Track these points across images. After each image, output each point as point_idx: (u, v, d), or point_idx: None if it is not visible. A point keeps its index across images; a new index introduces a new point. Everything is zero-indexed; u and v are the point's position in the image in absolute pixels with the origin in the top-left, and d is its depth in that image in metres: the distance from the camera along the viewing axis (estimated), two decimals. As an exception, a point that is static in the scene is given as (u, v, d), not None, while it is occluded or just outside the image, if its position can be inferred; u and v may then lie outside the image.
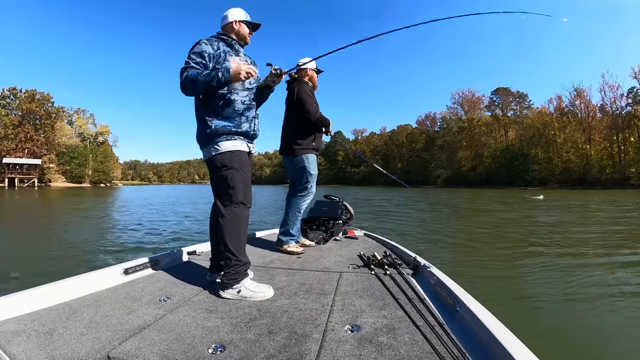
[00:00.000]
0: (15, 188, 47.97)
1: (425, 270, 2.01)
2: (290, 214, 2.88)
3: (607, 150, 54.70)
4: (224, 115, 1.87)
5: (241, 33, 2.04)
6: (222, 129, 1.86)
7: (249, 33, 2.08)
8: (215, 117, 1.86)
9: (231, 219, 1.84)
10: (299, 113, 2.85)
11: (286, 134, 2.97)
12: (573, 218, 9.88)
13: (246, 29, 2.05)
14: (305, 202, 2.93)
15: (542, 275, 3.82)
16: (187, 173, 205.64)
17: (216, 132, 1.85)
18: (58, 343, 1.19)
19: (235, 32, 2.02)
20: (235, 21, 2.01)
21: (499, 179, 60.72)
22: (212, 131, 1.85)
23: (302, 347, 1.19)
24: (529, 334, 2.27)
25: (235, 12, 2.03)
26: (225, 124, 1.87)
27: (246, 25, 2.05)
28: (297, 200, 2.90)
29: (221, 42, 1.94)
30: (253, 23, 2.09)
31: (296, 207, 2.90)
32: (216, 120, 1.86)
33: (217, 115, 1.87)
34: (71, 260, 4.55)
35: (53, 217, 10.44)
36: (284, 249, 2.78)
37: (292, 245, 2.79)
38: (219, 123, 1.86)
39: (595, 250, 5.10)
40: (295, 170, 2.92)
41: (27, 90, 63.33)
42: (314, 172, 2.91)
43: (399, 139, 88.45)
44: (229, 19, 2.02)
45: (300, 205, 2.91)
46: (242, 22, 2.03)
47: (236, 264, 1.79)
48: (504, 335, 1.09)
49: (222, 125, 1.86)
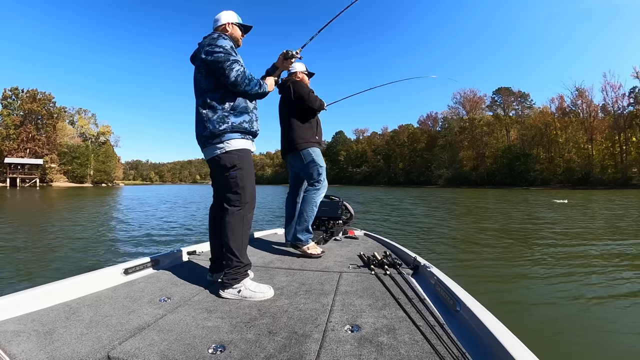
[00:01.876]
0: (17, 188, 48.13)
1: (425, 270, 2.00)
2: (308, 210, 2.77)
3: (609, 150, 54.53)
4: (239, 111, 1.88)
5: (234, 35, 2.03)
6: (239, 126, 1.86)
7: (241, 35, 2.09)
8: (232, 114, 1.86)
9: (237, 220, 1.83)
10: (302, 109, 2.84)
11: (287, 133, 2.93)
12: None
13: (239, 32, 2.06)
14: (320, 195, 2.85)
15: (542, 276, 3.81)
16: (189, 173, 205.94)
17: (232, 129, 1.84)
18: (58, 343, 1.19)
19: (229, 35, 2.01)
20: (228, 23, 2.02)
21: (501, 179, 60.70)
22: (229, 127, 1.83)
23: (302, 347, 1.18)
24: (529, 334, 2.27)
25: (228, 15, 2.03)
26: (241, 120, 1.87)
27: (239, 27, 2.06)
28: (312, 195, 2.81)
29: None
30: (245, 25, 2.09)
31: (313, 202, 2.80)
32: (233, 116, 1.86)
33: (234, 110, 1.86)
34: (71, 260, 4.56)
35: (53, 217, 10.47)
36: (303, 250, 2.65)
37: (312, 247, 2.67)
38: (235, 120, 1.86)
39: (599, 251, 5.08)
40: (303, 165, 2.86)
41: (29, 90, 63.64)
42: (323, 164, 2.88)
43: (400, 139, 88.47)
44: (221, 21, 2.02)
45: (317, 199, 2.82)
46: (234, 25, 2.03)
47: (237, 265, 1.79)
48: (504, 336, 1.09)
49: (238, 122, 1.86)
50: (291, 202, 3.14)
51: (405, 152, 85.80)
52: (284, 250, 2.87)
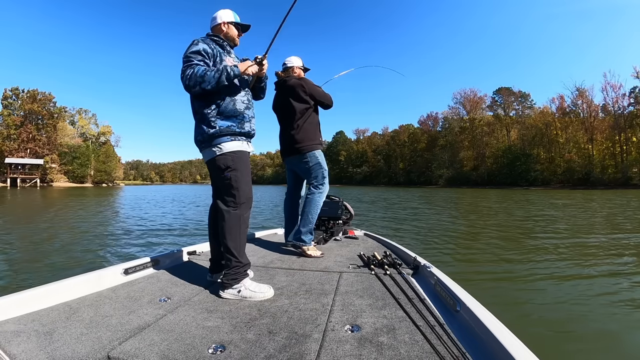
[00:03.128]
0: (18, 188, 48.15)
1: (425, 270, 2.00)
2: (313, 212, 2.79)
3: (610, 150, 54.45)
4: (226, 115, 1.86)
5: (230, 35, 2.02)
6: (227, 130, 1.84)
7: (238, 35, 2.07)
8: (219, 117, 1.84)
9: (233, 220, 1.83)
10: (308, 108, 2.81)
11: (289, 134, 2.87)
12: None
13: (235, 31, 2.04)
14: (323, 197, 2.87)
15: (543, 276, 3.80)
16: (189, 173, 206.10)
17: (220, 133, 1.83)
18: (58, 343, 1.19)
19: (224, 34, 2.01)
20: (223, 23, 2.01)
21: (501, 179, 60.64)
22: (217, 131, 1.83)
23: (302, 347, 1.18)
24: (529, 334, 2.26)
25: (224, 14, 2.02)
26: (229, 123, 1.86)
27: (235, 27, 2.05)
28: (317, 197, 2.82)
29: (213, 43, 1.94)
30: (242, 24, 2.08)
31: (317, 205, 2.82)
32: (220, 120, 1.84)
33: (220, 115, 1.85)
34: (71, 260, 4.56)
35: (53, 217, 10.48)
36: (304, 249, 2.67)
37: (312, 249, 2.70)
38: (223, 123, 1.84)
39: (601, 252, 5.08)
40: (308, 167, 2.84)
41: (29, 90, 63.67)
42: (326, 166, 2.89)
43: (400, 139, 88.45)
44: (217, 20, 2.01)
45: (320, 202, 2.84)
46: (230, 24, 2.02)
47: (237, 265, 1.79)
48: (504, 336, 1.09)
49: (226, 126, 1.85)
50: (290, 203, 3.12)
51: (406, 152, 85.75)
52: (284, 250, 2.87)
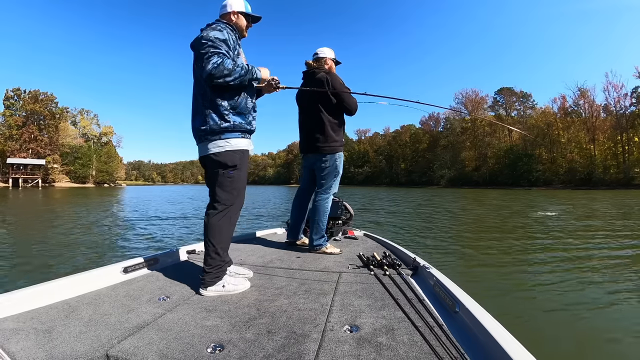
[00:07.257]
0: (19, 188, 48.35)
1: (424, 271, 1.99)
2: (323, 218, 2.73)
3: (611, 150, 54.24)
4: (239, 111, 1.82)
5: (239, 25, 1.92)
6: (239, 126, 1.81)
7: (247, 26, 1.98)
8: (232, 112, 1.79)
9: (224, 220, 1.81)
10: (337, 106, 2.72)
11: (312, 130, 2.77)
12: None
13: (244, 22, 1.94)
14: (330, 202, 2.82)
15: (542, 277, 3.80)
16: (191, 173, 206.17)
17: (233, 128, 1.79)
18: (57, 341, 1.20)
19: (233, 24, 1.90)
20: (233, 12, 1.90)
21: (503, 180, 60.45)
22: (230, 126, 1.78)
23: (301, 347, 1.18)
24: (527, 335, 2.26)
25: (235, 2, 1.91)
26: (240, 120, 1.82)
27: (245, 17, 1.94)
28: (324, 203, 2.76)
29: (233, 33, 1.86)
30: (253, 15, 1.97)
31: (326, 211, 2.76)
32: (232, 115, 1.79)
33: (234, 109, 1.80)
34: (71, 259, 4.57)
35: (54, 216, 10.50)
36: (323, 251, 2.68)
37: (330, 247, 2.70)
38: (235, 119, 1.80)
39: (599, 254, 5.06)
40: (325, 168, 2.76)
41: (31, 90, 63.90)
42: (341, 170, 2.84)
43: (402, 139, 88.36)
44: (227, 8, 1.91)
45: (328, 207, 2.79)
46: (240, 14, 1.92)
47: (219, 265, 1.78)
48: (502, 337, 1.09)
49: (238, 122, 1.81)
50: (300, 202, 3.01)
51: (407, 153, 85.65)
52: (284, 250, 2.87)
